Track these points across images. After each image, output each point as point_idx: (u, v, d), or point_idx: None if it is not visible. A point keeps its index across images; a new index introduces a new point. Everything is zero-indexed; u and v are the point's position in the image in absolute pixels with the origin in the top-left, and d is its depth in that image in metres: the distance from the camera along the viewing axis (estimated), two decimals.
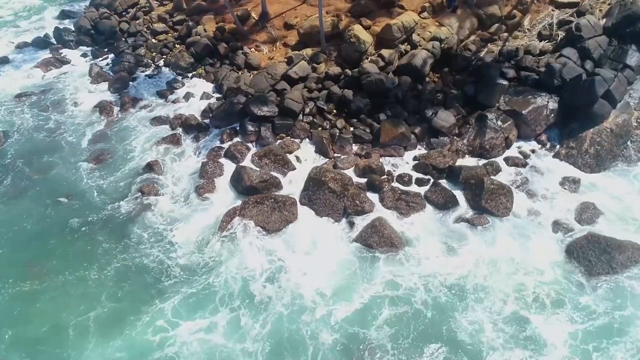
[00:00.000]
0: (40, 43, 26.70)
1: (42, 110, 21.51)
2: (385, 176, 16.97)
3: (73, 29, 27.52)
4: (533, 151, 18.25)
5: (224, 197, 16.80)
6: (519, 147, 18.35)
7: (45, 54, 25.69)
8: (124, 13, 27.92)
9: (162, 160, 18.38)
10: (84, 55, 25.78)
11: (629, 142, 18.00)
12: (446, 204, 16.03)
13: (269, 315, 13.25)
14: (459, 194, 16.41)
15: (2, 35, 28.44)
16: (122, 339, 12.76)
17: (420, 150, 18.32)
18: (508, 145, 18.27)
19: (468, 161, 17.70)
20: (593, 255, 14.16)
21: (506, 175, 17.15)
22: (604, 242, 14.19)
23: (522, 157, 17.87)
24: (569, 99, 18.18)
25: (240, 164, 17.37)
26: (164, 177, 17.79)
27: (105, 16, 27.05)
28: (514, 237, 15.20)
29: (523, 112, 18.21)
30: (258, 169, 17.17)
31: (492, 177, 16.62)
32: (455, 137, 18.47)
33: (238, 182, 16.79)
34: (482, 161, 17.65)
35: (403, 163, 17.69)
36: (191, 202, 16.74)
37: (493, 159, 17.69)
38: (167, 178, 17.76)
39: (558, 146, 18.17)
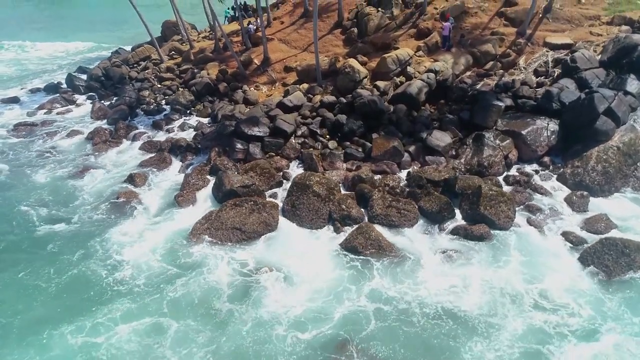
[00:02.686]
0: (52, 88, 27.79)
1: (36, 136, 21.58)
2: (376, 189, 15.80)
3: (85, 77, 28.75)
4: (536, 172, 17.15)
5: (202, 205, 15.80)
6: (520, 168, 17.30)
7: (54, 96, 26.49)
8: (135, 65, 29.32)
9: (145, 174, 17.69)
10: (91, 97, 26.53)
11: (639, 164, 16.86)
12: (441, 211, 14.63)
13: (225, 333, 11.14)
14: (455, 206, 15.09)
15: (18, 84, 29.84)
16: (42, 344, 10.91)
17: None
18: (508, 166, 17.26)
19: None
20: (610, 259, 12.39)
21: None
22: (621, 244, 12.49)
23: (524, 176, 16.70)
24: (569, 120, 17.46)
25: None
26: (144, 187, 17.03)
27: (117, 64, 28.45)
28: (519, 249, 13.53)
29: (522, 132, 17.47)
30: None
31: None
32: (451, 158, 17.54)
33: (219, 188, 15.82)
34: None
35: (396, 179, 16.52)
36: (167, 210, 15.70)
37: (493, 177, 16.53)
38: (147, 188, 16.97)
39: (562, 168, 17.03)
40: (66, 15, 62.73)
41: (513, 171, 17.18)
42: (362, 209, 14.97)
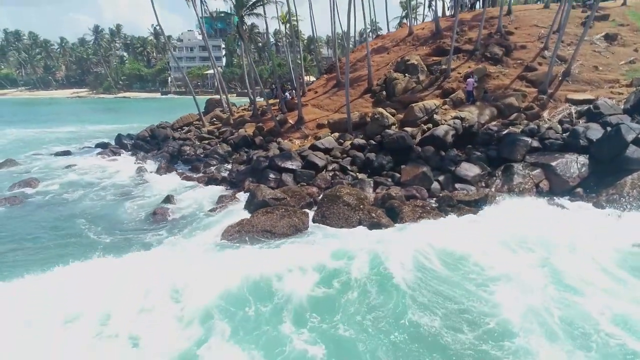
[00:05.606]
0: (101, 145, 30.14)
1: (83, 174, 23.07)
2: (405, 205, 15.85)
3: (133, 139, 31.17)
4: (570, 202, 16.88)
5: (235, 216, 16.00)
6: (552, 198, 17.10)
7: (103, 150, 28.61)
8: (179, 129, 31.74)
9: (180, 193, 18.55)
10: (136, 153, 28.45)
11: None
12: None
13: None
14: None
15: (71, 144, 32.53)
16: None
17: None
18: (540, 194, 17.10)
19: None
20: None
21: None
22: None
23: (558, 205, 16.45)
24: (598, 153, 17.59)
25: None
26: (180, 204, 17.61)
27: (162, 126, 30.85)
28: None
29: (551, 163, 17.62)
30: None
31: None
32: (481, 188, 17.62)
33: (251, 202, 16.24)
34: None
35: (426, 203, 16.56)
36: (200, 221, 16.01)
37: None
38: (183, 204, 17.54)
39: (597, 197, 16.75)
40: (126, 108, 69.77)
41: None
42: (391, 220, 14.89)
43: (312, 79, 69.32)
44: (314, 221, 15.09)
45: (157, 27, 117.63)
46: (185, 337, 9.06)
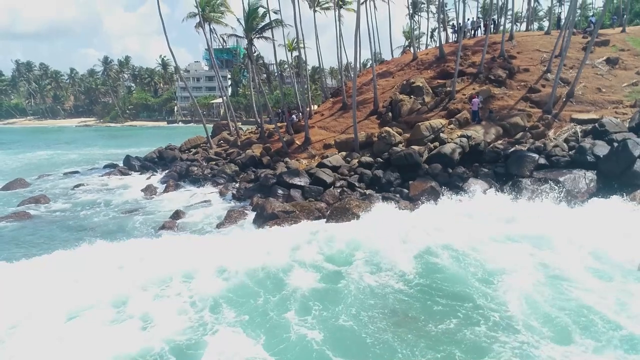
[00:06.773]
0: (110, 166, 30.40)
1: (92, 192, 23.19)
2: None
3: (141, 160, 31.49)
4: None
5: (244, 230, 16.01)
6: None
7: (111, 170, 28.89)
8: (186, 151, 32.08)
9: (189, 209, 18.53)
10: (144, 173, 28.70)
11: None
12: None
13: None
14: None
15: (81, 165, 32.84)
16: None
17: None
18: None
19: None
20: None
21: None
22: None
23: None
24: (606, 169, 17.67)
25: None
26: (188, 219, 17.59)
27: (170, 148, 31.20)
28: None
29: (560, 178, 17.67)
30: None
31: None
32: None
33: (260, 216, 16.28)
34: None
35: None
36: (207, 236, 15.97)
37: None
38: (191, 219, 17.52)
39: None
40: (133, 135, 70.89)
41: None
42: None
43: (316, 107, 70.97)
44: None
45: (165, 58, 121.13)
46: (193, 322, 9.13)
